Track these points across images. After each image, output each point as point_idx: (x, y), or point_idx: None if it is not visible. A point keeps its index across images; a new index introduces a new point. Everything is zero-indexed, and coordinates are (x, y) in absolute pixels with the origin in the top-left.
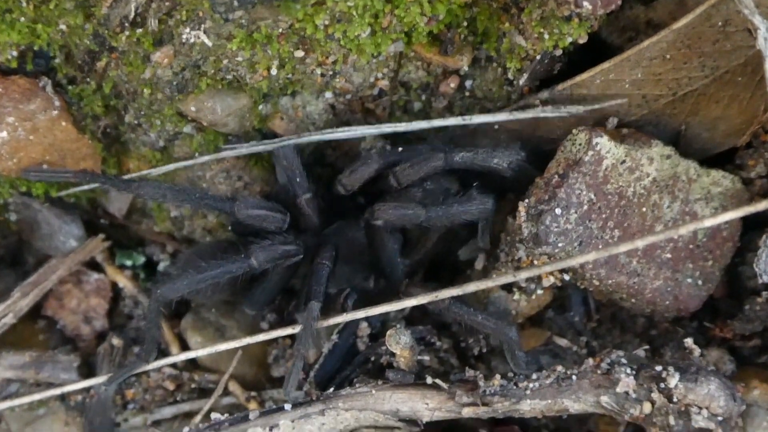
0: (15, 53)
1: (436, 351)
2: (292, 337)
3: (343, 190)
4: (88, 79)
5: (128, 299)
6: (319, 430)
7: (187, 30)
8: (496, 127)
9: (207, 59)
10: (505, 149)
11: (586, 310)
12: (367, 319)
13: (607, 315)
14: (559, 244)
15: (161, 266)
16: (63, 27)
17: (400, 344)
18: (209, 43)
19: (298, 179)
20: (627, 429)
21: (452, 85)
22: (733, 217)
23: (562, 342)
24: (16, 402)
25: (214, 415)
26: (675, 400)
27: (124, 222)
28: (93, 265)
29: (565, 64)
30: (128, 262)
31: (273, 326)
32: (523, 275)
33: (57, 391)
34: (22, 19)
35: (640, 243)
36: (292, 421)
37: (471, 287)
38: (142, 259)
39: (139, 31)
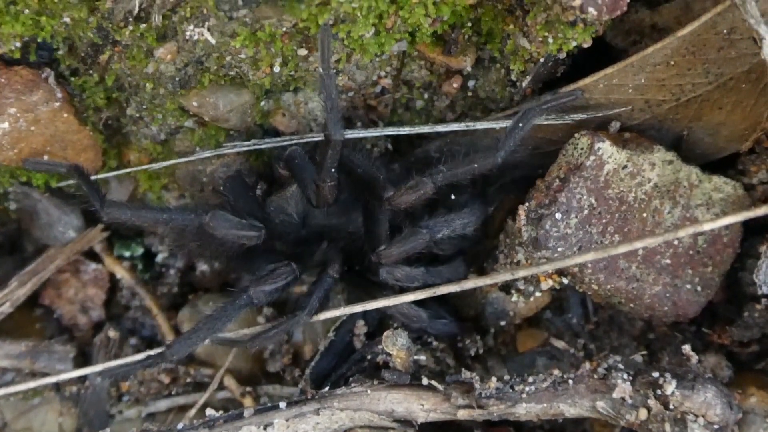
0: (18, 44)
1: (433, 351)
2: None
3: (389, 207)
4: (90, 72)
5: (126, 290)
6: (313, 430)
7: (191, 27)
8: (498, 128)
9: (210, 56)
10: (473, 216)
11: (584, 312)
12: (364, 316)
13: (605, 317)
14: (559, 249)
15: (159, 258)
16: (67, 19)
17: (396, 346)
18: (213, 41)
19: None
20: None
21: (455, 85)
22: (733, 221)
23: (560, 344)
24: (11, 390)
25: (208, 411)
26: (671, 407)
27: None
28: (91, 256)
29: (569, 66)
30: (126, 253)
31: (270, 320)
32: (521, 273)
33: (52, 379)
34: (27, 11)
35: (639, 244)
36: (287, 420)
37: (469, 284)
38: (140, 250)
39: (143, 26)
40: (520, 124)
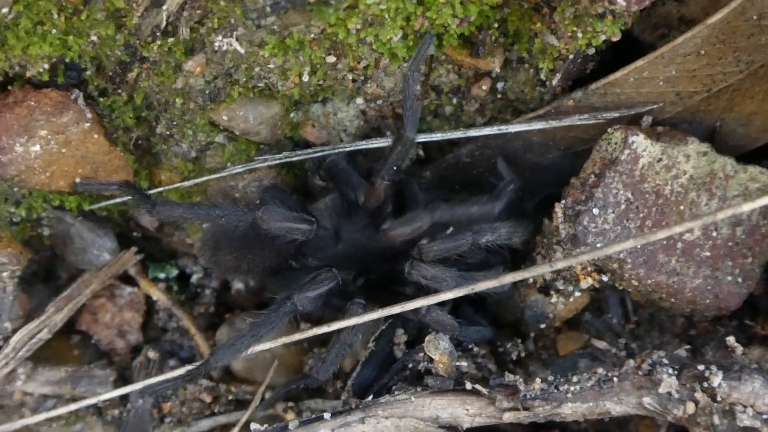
0: (46, 66)
1: (474, 356)
2: (326, 342)
3: (386, 240)
4: (119, 91)
5: (162, 312)
6: None
7: (219, 38)
8: (530, 129)
9: (239, 67)
10: (520, 226)
11: (623, 311)
12: (403, 324)
13: (645, 316)
14: (598, 245)
15: (194, 278)
16: (94, 38)
17: (439, 350)
18: (241, 51)
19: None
20: (668, 431)
21: (484, 87)
22: None
23: (601, 344)
24: (52, 414)
25: (253, 426)
26: (719, 399)
27: (156, 234)
28: (126, 279)
29: (597, 63)
30: (161, 275)
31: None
32: (560, 265)
33: (93, 401)
34: (54, 31)
35: (678, 229)
36: (332, 430)
37: (507, 278)
38: (175, 272)
39: (171, 40)
40: (509, 188)
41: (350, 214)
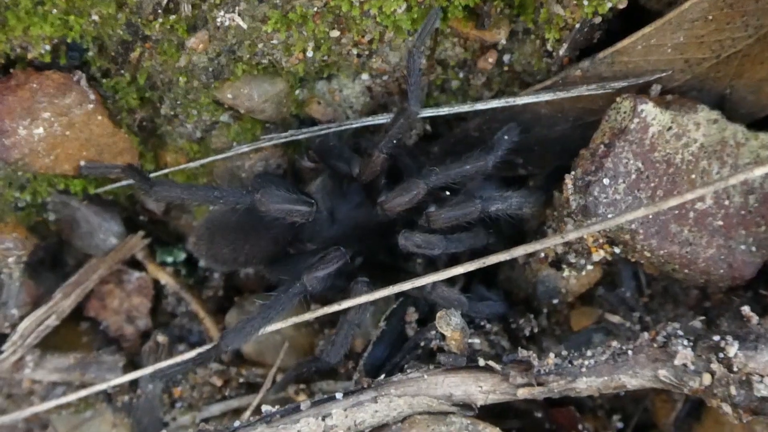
0: (48, 47)
1: (486, 333)
2: (336, 323)
3: (383, 214)
4: (122, 71)
5: (171, 296)
6: (372, 418)
7: (222, 13)
8: (538, 101)
9: (242, 43)
10: (532, 196)
11: (637, 285)
12: (414, 303)
13: (658, 289)
14: (609, 216)
15: (202, 262)
16: (95, 17)
17: (451, 326)
18: (244, 26)
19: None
20: (683, 406)
21: (490, 60)
22: None
23: (615, 319)
24: (62, 401)
25: (265, 408)
26: (735, 369)
27: (163, 218)
28: (134, 264)
29: (604, 32)
30: (169, 259)
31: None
32: (571, 236)
33: (103, 386)
34: (54, 11)
35: (690, 196)
36: (345, 410)
37: (519, 251)
38: (183, 255)
39: (173, 17)
40: (506, 137)
41: (344, 193)
